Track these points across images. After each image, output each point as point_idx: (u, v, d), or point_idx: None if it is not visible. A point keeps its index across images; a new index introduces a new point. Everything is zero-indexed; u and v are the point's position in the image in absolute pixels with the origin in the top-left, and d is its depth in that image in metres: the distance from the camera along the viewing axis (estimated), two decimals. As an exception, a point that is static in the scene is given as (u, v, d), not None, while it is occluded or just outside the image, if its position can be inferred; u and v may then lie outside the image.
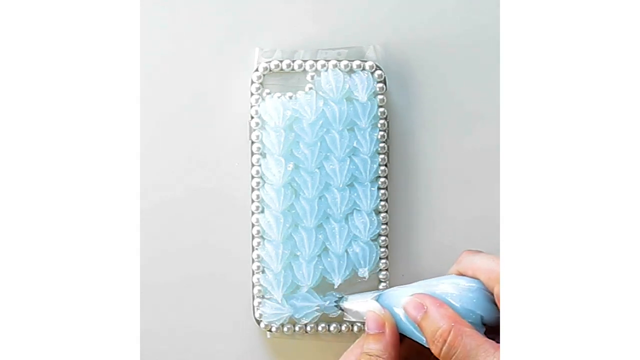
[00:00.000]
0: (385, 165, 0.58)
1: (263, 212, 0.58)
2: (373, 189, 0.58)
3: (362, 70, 0.58)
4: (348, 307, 0.57)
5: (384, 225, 0.59)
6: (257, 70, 0.58)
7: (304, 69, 0.58)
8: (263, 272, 0.58)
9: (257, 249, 0.58)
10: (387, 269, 0.59)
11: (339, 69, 0.58)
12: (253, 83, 0.58)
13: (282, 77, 0.58)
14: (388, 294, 0.54)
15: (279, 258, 0.57)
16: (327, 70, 0.58)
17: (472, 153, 0.60)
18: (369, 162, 0.58)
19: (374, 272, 0.59)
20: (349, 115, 0.58)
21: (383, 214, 0.59)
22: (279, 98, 0.57)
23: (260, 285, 0.58)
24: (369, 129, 0.58)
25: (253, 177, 0.58)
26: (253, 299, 0.58)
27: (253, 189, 0.58)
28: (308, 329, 0.58)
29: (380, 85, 0.58)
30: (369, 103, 0.58)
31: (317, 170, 0.57)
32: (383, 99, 0.58)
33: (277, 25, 0.59)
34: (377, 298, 0.54)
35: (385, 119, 0.58)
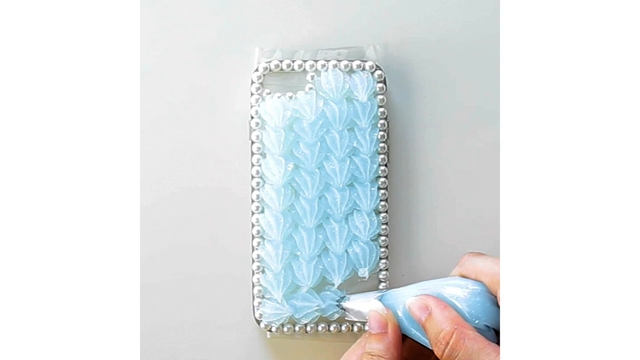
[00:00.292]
0: (385, 165, 0.58)
1: (263, 212, 0.58)
2: (373, 189, 0.58)
3: (362, 70, 0.58)
4: (350, 306, 0.57)
5: (384, 225, 0.59)
6: (257, 70, 0.58)
7: (304, 69, 0.58)
8: (263, 272, 0.58)
9: (257, 249, 0.58)
10: (387, 269, 0.59)
11: (339, 69, 0.58)
12: (253, 83, 0.58)
13: (282, 77, 0.58)
14: (391, 294, 0.54)
15: (279, 258, 0.57)
16: (327, 70, 0.58)
17: (472, 153, 0.60)
18: (369, 162, 0.58)
19: (374, 272, 0.59)
20: (349, 115, 0.58)
21: (383, 214, 0.59)
22: (279, 98, 0.57)
23: (260, 285, 0.58)
24: (369, 129, 0.58)
25: (253, 177, 0.58)
26: (253, 299, 0.58)
27: (253, 189, 0.58)
28: (308, 329, 0.58)
29: (380, 85, 0.58)
30: (369, 103, 0.58)
31: (317, 170, 0.57)
32: (383, 99, 0.58)
33: (277, 25, 0.59)
34: (380, 298, 0.54)
35: (385, 119, 0.58)
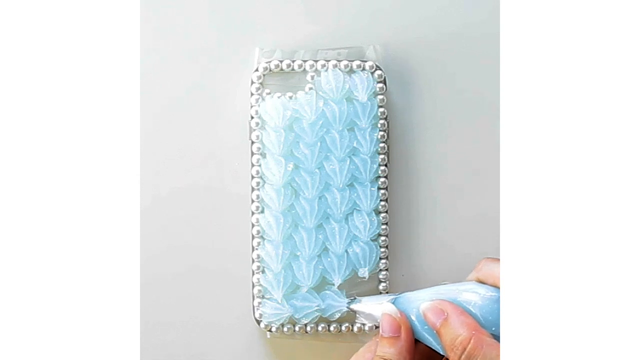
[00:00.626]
0: (385, 165, 0.58)
1: (263, 212, 0.58)
2: (373, 189, 0.58)
3: (362, 70, 0.58)
4: (361, 309, 0.56)
5: (384, 225, 0.59)
6: (257, 70, 0.58)
7: (304, 69, 0.58)
8: (263, 272, 0.58)
9: (257, 249, 0.58)
10: (387, 269, 0.59)
11: (339, 69, 0.58)
12: (253, 83, 0.58)
13: (282, 77, 0.58)
14: (404, 298, 0.54)
15: (279, 258, 0.57)
16: (327, 70, 0.58)
17: (472, 153, 0.60)
18: (369, 162, 0.58)
19: (374, 272, 0.59)
20: (349, 115, 0.58)
21: (383, 214, 0.59)
22: (279, 98, 0.57)
23: (260, 285, 0.58)
24: (369, 129, 0.58)
25: (253, 177, 0.58)
26: (253, 299, 0.58)
27: (253, 189, 0.58)
28: (308, 329, 0.58)
29: (380, 85, 0.58)
30: (369, 103, 0.58)
31: (317, 171, 0.57)
32: (383, 99, 0.58)
33: (277, 25, 0.59)
34: (393, 301, 0.54)
35: (385, 119, 0.58)
